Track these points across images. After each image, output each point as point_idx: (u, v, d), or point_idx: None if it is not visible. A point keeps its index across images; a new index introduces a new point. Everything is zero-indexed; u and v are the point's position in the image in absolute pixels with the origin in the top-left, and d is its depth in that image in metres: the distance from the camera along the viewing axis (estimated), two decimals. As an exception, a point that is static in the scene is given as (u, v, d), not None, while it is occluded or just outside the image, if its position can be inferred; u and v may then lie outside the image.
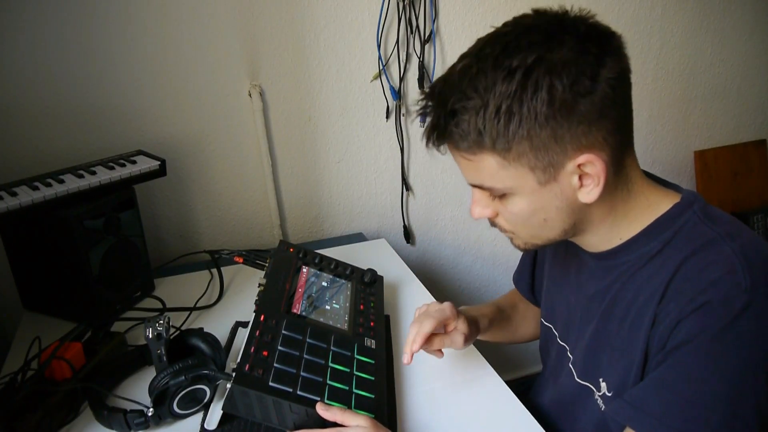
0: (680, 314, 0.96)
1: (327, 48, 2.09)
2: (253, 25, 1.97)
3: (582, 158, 0.95)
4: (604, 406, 1.14)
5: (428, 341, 1.25)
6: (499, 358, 1.61)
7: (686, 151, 2.88)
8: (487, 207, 1.08)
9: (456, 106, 0.94)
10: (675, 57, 2.66)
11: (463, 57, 0.98)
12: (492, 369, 1.38)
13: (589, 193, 0.99)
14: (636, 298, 1.06)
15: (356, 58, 2.14)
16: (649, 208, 1.07)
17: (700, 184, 2.87)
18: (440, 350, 1.31)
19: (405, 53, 2.17)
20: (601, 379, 1.14)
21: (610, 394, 1.12)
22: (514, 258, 1.54)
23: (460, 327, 1.29)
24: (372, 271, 1.59)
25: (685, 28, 2.63)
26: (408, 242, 2.46)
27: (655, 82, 2.66)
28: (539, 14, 0.97)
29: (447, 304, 1.30)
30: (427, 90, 1.01)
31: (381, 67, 2.16)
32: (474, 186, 1.06)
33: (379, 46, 2.13)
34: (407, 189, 2.37)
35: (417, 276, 1.84)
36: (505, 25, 0.97)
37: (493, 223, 1.12)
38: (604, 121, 0.94)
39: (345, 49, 2.11)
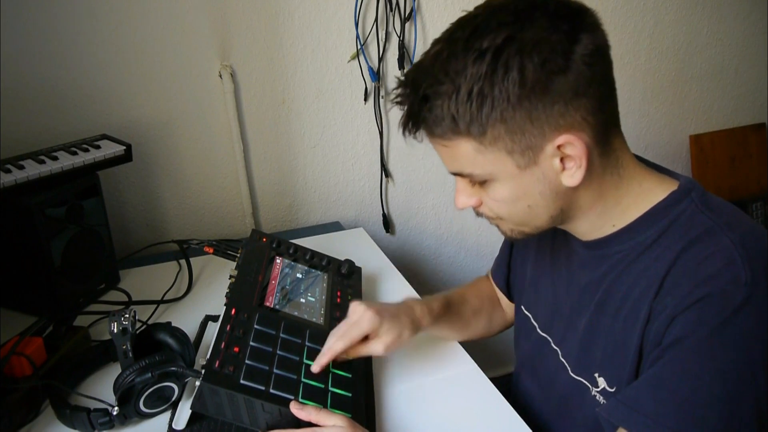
0: (676, 309, 0.97)
1: (302, 26, 2.09)
2: (223, 1, 1.97)
3: (561, 139, 0.97)
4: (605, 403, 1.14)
5: (344, 352, 1.21)
6: (483, 353, 1.63)
7: (681, 135, 2.90)
8: (471, 196, 1.10)
9: (428, 92, 0.97)
10: (669, 36, 2.67)
11: (435, 42, 1.01)
12: (476, 365, 1.40)
13: (572, 176, 1.00)
14: (631, 291, 1.07)
15: (333, 36, 2.14)
16: (643, 195, 1.08)
17: (696, 170, 2.89)
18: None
19: (384, 32, 2.18)
20: (596, 374, 1.15)
21: (611, 390, 1.12)
22: (499, 248, 1.55)
23: (384, 337, 1.22)
24: (349, 262, 1.60)
25: (680, 5, 2.64)
26: (387, 231, 2.47)
27: (648, 62, 2.66)
28: None
29: (366, 317, 1.21)
30: (402, 77, 1.03)
31: (359, 47, 2.16)
32: (455, 174, 1.08)
33: (356, 25, 2.13)
34: (386, 175, 2.38)
35: (397, 267, 1.85)
36: (477, 7, 1.00)
37: (478, 213, 1.14)
38: (583, 99, 0.96)
39: (321, 27, 2.11)
